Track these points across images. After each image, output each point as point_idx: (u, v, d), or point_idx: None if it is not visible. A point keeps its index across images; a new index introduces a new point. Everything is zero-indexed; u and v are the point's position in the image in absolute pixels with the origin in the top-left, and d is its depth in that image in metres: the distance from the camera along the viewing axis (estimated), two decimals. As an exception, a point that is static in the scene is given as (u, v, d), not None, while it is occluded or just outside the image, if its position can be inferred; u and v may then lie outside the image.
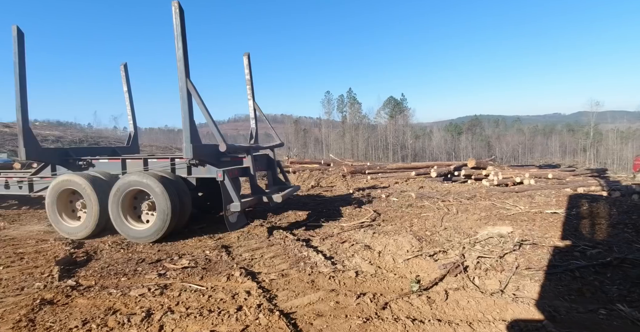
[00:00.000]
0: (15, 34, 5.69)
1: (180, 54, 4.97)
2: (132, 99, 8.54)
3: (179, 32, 4.93)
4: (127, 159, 6.19)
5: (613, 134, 62.46)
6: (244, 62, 7.84)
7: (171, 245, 5.23)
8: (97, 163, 6.36)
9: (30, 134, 5.92)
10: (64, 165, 6.45)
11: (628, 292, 3.48)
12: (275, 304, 3.33)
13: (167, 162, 5.96)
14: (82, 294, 3.63)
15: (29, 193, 6.80)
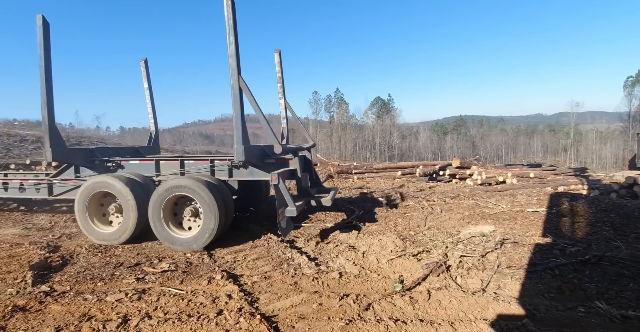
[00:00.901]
0: (40, 23, 5.14)
1: (232, 49, 4.67)
2: (152, 97, 8.09)
3: (230, 26, 4.63)
4: (161, 161, 5.81)
5: (592, 134, 64.26)
6: (275, 59, 7.46)
7: (151, 248, 5.11)
8: (127, 164, 5.92)
9: (56, 133, 5.44)
10: (89, 166, 6.00)
11: (606, 290, 3.55)
12: (257, 307, 3.27)
13: (207, 164, 5.59)
14: (56, 300, 3.49)
15: (48, 197, 6.20)
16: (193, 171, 5.59)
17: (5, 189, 6.59)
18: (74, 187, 5.99)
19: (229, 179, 5.53)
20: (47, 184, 6.21)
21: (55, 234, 5.85)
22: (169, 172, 5.70)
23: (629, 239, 5.03)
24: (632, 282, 3.68)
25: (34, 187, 6.35)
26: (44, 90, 5.24)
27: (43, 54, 5.22)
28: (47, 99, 5.28)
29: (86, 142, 28.25)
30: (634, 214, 6.10)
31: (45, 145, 5.37)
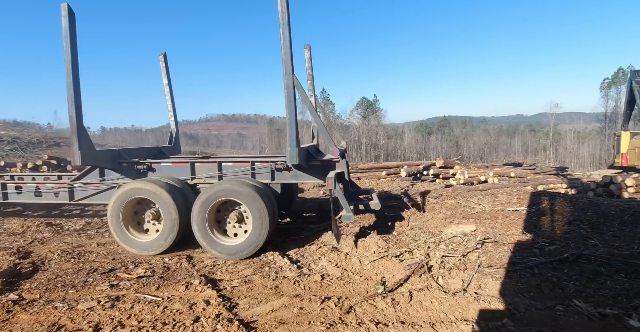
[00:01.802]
0: (65, 13, 4.63)
1: (287, 45, 4.33)
2: (172, 93, 7.68)
3: (285, 21, 4.29)
4: (197, 163, 5.47)
5: (571, 134, 66.17)
6: (305, 55, 7.16)
7: (127, 253, 4.94)
8: (158, 167, 5.53)
9: (85, 134, 4.99)
10: (116, 169, 5.58)
11: (584, 288, 3.59)
12: (236, 313, 3.18)
13: (247, 166, 5.29)
14: (25, 308, 3.34)
15: (69, 201, 5.81)
16: (231, 174, 5.29)
17: (18, 193, 6.14)
18: (98, 192, 5.65)
19: (271, 182, 5.26)
20: (67, 188, 5.79)
21: (26, 239, 5.61)
22: (205, 175, 5.37)
23: (606, 237, 5.14)
24: (609, 280, 3.74)
25: (51, 191, 5.92)
26: (71, 87, 4.74)
27: (69, 48, 4.70)
28: (74, 97, 4.78)
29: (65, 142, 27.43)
30: (610, 212, 6.24)
31: (73, 147, 4.89)
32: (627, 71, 52.27)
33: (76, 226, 6.34)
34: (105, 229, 6.12)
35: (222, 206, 4.92)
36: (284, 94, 4.49)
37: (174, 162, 5.58)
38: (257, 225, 4.64)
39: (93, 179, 5.68)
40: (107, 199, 5.50)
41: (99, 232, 6.00)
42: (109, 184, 5.57)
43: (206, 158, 5.98)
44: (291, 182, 5.30)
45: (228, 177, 5.27)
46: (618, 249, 4.64)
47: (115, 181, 5.54)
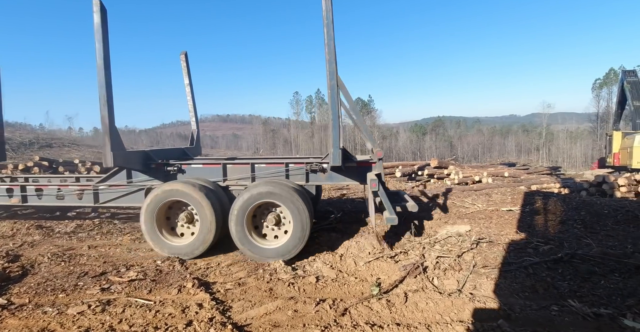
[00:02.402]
0: (97, 9, 4.45)
1: (332, 45, 4.19)
2: (193, 94, 7.52)
3: (330, 20, 4.11)
4: (229, 164, 5.32)
5: (563, 134, 66.88)
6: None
7: (119, 255, 4.86)
8: (189, 168, 5.38)
9: (117, 134, 4.84)
10: (144, 171, 5.41)
11: (578, 288, 3.60)
12: (229, 316, 3.14)
13: (281, 168, 5.18)
14: (14, 313, 3.26)
15: (94, 204, 5.61)
16: (264, 176, 5.16)
17: (39, 197, 5.86)
18: (124, 194, 5.47)
19: (305, 183, 5.15)
20: (92, 190, 5.58)
21: (16, 242, 5.49)
22: (237, 176, 5.24)
23: (599, 237, 5.17)
24: (603, 280, 3.75)
25: (74, 194, 5.68)
26: (104, 86, 4.55)
27: (101, 45, 4.52)
28: (107, 96, 4.59)
29: (57, 143, 27.12)
30: (603, 211, 6.29)
31: (105, 148, 4.73)
32: (618, 72, 52.98)
33: (67, 228, 6.23)
34: (96, 232, 6.03)
35: (258, 209, 4.80)
36: (328, 94, 4.38)
37: (205, 163, 5.45)
38: (297, 227, 4.54)
39: (119, 181, 5.50)
40: (134, 201, 5.40)
41: (90, 234, 5.90)
42: (137, 186, 5.41)
43: (237, 159, 5.84)
44: (326, 184, 5.14)
45: (261, 178, 5.15)
46: (612, 248, 4.67)
47: (143, 183, 5.39)
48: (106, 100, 4.59)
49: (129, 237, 5.71)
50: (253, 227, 4.74)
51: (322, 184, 5.21)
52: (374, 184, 4.55)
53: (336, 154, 4.47)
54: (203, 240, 4.69)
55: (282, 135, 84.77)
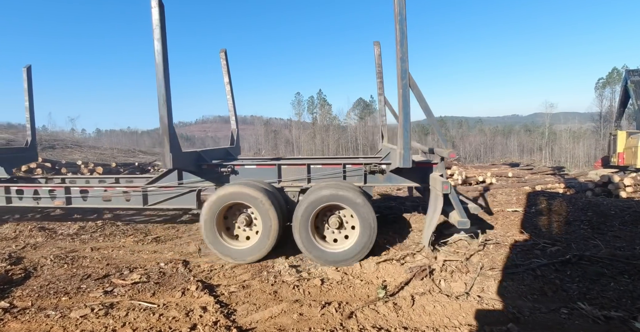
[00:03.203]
0: (155, 4, 4.28)
1: (405, 43, 4.05)
2: (233, 92, 7.47)
3: (403, 16, 4.01)
4: (284, 165, 5.19)
5: (566, 133, 66.54)
6: (374, 51, 6.92)
7: (122, 257, 4.83)
8: (242, 169, 5.24)
9: (175, 135, 4.71)
10: (196, 172, 5.28)
11: (587, 290, 3.54)
12: (234, 320, 3.09)
13: (339, 169, 5.06)
14: (16, 317, 3.23)
15: (142, 206, 5.47)
16: (320, 177, 5.05)
17: (83, 199, 5.74)
18: (175, 196, 5.36)
19: (363, 185, 5.02)
20: (141, 191, 5.44)
21: (19, 245, 5.48)
22: (293, 177, 5.13)
23: (607, 238, 5.11)
24: (613, 282, 3.69)
25: (122, 196, 5.57)
26: (162, 85, 4.40)
27: (160, 43, 4.36)
28: (166, 96, 4.45)
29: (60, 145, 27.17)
30: (610, 212, 6.22)
31: (164, 149, 4.60)
32: (621, 71, 52.72)
33: (70, 230, 6.21)
34: (99, 234, 6.00)
35: (321, 211, 4.66)
36: (398, 94, 4.22)
37: (259, 164, 5.32)
38: (364, 230, 4.42)
39: (169, 182, 5.37)
40: (185, 203, 5.30)
41: (93, 236, 5.87)
42: (188, 188, 5.30)
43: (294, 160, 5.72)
44: (383, 185, 4.98)
45: (316, 180, 5.06)
46: (620, 249, 4.61)
47: (193, 185, 5.29)
48: (165, 99, 4.44)
49: (132, 239, 5.68)
50: (316, 230, 4.63)
51: (379, 186, 4.98)
52: (446, 187, 4.31)
53: (407, 155, 4.26)
54: (265, 243, 4.55)
55: (284, 136, 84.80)
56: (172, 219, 7.14)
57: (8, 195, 6.07)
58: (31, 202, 6.01)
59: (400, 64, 4.13)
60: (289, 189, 5.12)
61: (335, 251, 4.48)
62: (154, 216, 7.49)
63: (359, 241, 4.44)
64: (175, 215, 7.50)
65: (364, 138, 72.11)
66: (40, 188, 5.95)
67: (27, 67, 7.81)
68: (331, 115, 78.55)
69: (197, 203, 5.30)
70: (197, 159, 5.31)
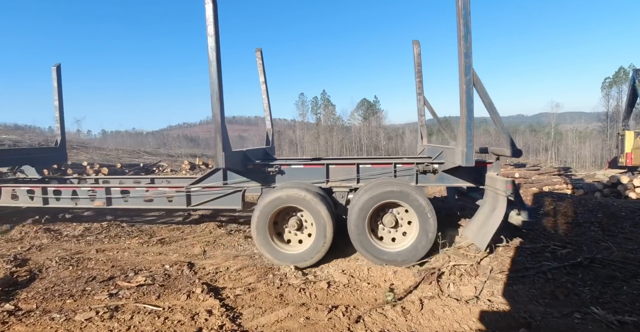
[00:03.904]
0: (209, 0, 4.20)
1: (470, 38, 3.92)
2: (268, 92, 7.35)
3: (467, 11, 3.90)
4: (331, 165, 5.08)
5: (572, 134, 65.97)
6: (414, 51, 6.88)
7: (127, 259, 4.81)
8: (288, 169, 5.11)
9: (226, 134, 4.60)
10: (242, 172, 5.14)
11: (600, 294, 3.46)
12: (240, 323, 3.05)
13: (389, 168, 4.95)
14: (21, 320, 3.22)
15: (186, 207, 5.36)
16: (367, 177, 4.93)
17: (124, 200, 5.62)
18: (219, 196, 5.25)
19: (415, 185, 4.88)
20: (185, 192, 5.32)
21: (24, 246, 5.48)
22: (341, 178, 5.02)
23: (618, 240, 5.01)
24: (626, 285, 3.61)
25: (164, 196, 5.44)
26: (216, 83, 4.32)
27: (214, 39, 4.26)
28: (219, 93, 4.37)
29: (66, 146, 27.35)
30: (621, 213, 6.11)
31: (216, 148, 4.47)
32: (628, 70, 52.12)
33: (75, 231, 6.21)
34: (104, 235, 5.99)
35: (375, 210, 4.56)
36: (460, 90, 4.09)
37: (306, 164, 5.19)
38: (423, 229, 4.34)
39: (213, 182, 5.26)
40: (229, 204, 5.22)
41: (98, 238, 5.87)
42: (233, 188, 5.19)
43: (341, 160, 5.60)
44: (436, 186, 4.91)
45: (365, 180, 4.94)
46: (632, 252, 4.51)
47: (238, 185, 5.19)
48: (218, 96, 4.35)
49: (137, 240, 5.66)
50: (370, 230, 4.53)
51: (431, 186, 4.91)
52: (510, 186, 4.09)
53: (470, 154, 4.10)
54: (320, 247, 4.45)
55: (288, 137, 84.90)
56: (177, 221, 7.12)
57: (45, 196, 5.89)
58: (69, 203, 5.87)
59: (464, 60, 4.01)
60: (338, 190, 5.01)
61: (394, 250, 4.39)
62: (158, 217, 7.47)
63: (418, 240, 4.35)
64: (181, 216, 7.47)
65: (367, 139, 71.99)
66: (80, 189, 5.80)
67: (56, 66, 7.75)
68: (335, 116, 78.49)
69: (242, 204, 5.22)
70: (243, 159, 5.20)
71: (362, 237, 4.41)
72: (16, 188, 6.07)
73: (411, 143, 76.80)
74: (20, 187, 6.05)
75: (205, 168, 18.22)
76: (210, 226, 6.28)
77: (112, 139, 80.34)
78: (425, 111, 7.21)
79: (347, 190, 5.00)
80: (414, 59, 7.03)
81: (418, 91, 7.10)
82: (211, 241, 5.54)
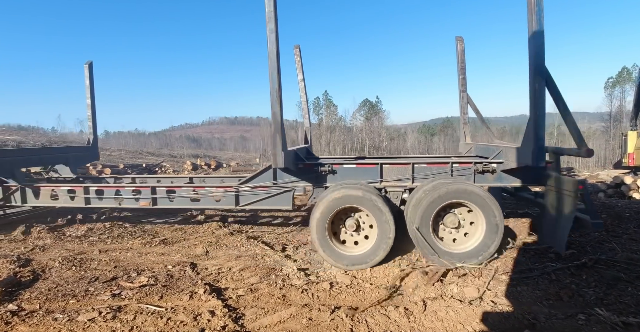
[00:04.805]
0: None
1: (542, 30, 3.83)
2: (306, 90, 7.18)
3: (540, 7, 3.82)
4: (385, 164, 4.96)
5: (575, 133, 65.70)
6: (457, 47, 6.73)
7: (130, 260, 4.81)
8: (340, 169, 5.03)
9: (284, 133, 4.56)
10: (293, 171, 5.05)
11: (604, 295, 3.44)
12: (242, 324, 3.05)
13: (445, 168, 4.87)
14: (24, 320, 3.22)
15: (234, 207, 5.26)
16: (423, 177, 4.84)
17: (170, 200, 5.52)
18: (269, 196, 5.18)
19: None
20: (234, 192, 5.22)
21: (27, 246, 5.50)
22: (395, 177, 4.92)
23: (622, 240, 4.97)
24: (630, 286, 3.58)
25: (211, 196, 5.34)
26: (276, 81, 4.26)
27: (274, 36, 4.22)
28: (278, 91, 4.30)
29: (68, 147, 27.43)
30: (625, 214, 6.07)
31: (276, 148, 4.41)
32: (631, 70, 51.87)
33: (78, 232, 6.23)
34: (107, 235, 6.01)
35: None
36: (531, 88, 4.00)
37: (359, 163, 5.13)
38: (490, 230, 4.23)
39: (263, 182, 5.18)
40: (279, 204, 5.17)
41: (101, 238, 5.88)
42: (284, 188, 5.11)
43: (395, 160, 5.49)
44: (495, 186, 4.84)
45: (421, 179, 4.87)
46: (636, 253, 4.48)
47: (289, 185, 5.11)
48: (278, 95, 4.31)
49: (140, 241, 5.67)
50: (432, 230, 4.42)
51: (492, 186, 4.89)
52: (581, 186, 3.95)
53: (542, 154, 3.98)
54: (382, 248, 4.33)
55: (290, 137, 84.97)
56: (180, 221, 7.13)
57: (87, 196, 5.79)
58: (112, 203, 5.81)
59: (534, 59, 3.95)
60: (392, 190, 4.91)
61: (460, 251, 4.30)
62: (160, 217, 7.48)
63: (484, 240, 4.25)
64: (185, 216, 7.48)
65: (369, 139, 71.99)
66: (124, 188, 5.73)
67: (88, 63, 7.70)
68: (337, 116, 78.50)
69: (292, 204, 5.16)
70: (295, 158, 5.10)
71: (428, 238, 4.28)
72: (56, 188, 5.97)
73: (413, 143, 76.73)
74: (61, 187, 5.95)
75: (207, 168, 18.25)
76: (213, 227, 6.29)
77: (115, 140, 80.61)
78: (468, 109, 7.05)
79: (401, 190, 4.89)
80: (457, 55, 6.86)
81: (461, 88, 6.93)
82: (213, 241, 5.54)
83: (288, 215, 7.52)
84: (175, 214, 7.57)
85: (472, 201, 4.28)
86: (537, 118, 3.95)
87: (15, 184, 6.14)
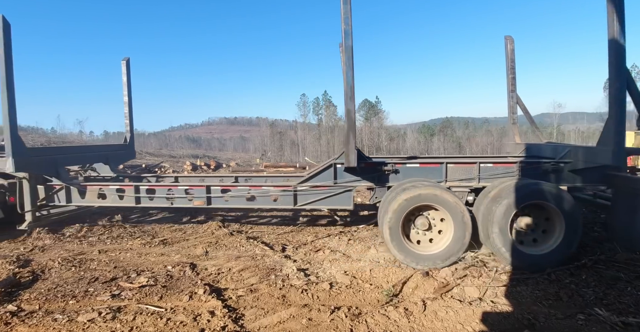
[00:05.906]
0: None
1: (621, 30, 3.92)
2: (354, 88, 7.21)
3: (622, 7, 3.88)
4: (450, 163, 4.88)
5: (574, 134, 65.82)
6: (507, 47, 6.67)
7: (129, 260, 4.81)
8: (403, 168, 4.98)
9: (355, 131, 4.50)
10: (354, 171, 4.92)
11: (604, 295, 3.45)
12: (242, 324, 3.05)
13: (512, 167, 4.78)
14: (24, 321, 3.22)
15: (293, 206, 5.19)
16: (488, 177, 4.77)
17: (225, 200, 5.50)
18: (328, 196, 5.10)
19: None
20: (292, 191, 5.13)
21: (27, 247, 5.49)
22: (460, 177, 4.85)
23: (622, 241, 4.97)
24: (630, 286, 3.59)
25: (267, 195, 5.24)
26: (351, 78, 4.26)
27: (350, 39, 4.25)
28: (352, 91, 4.28)
29: (67, 147, 27.35)
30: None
31: (348, 147, 4.37)
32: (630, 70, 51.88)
33: (77, 232, 6.22)
34: (106, 236, 6.00)
35: None
36: (612, 88, 3.98)
37: (422, 163, 5.09)
38: (570, 231, 4.13)
39: (322, 181, 5.10)
40: (338, 203, 5.11)
41: (101, 238, 5.88)
42: (344, 188, 5.05)
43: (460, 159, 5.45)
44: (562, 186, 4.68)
45: (486, 179, 4.78)
46: (635, 253, 4.48)
47: (349, 184, 5.04)
48: (352, 94, 4.27)
49: (140, 241, 5.67)
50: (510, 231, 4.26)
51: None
52: None
53: (622, 153, 3.91)
54: (458, 247, 4.26)
55: (289, 138, 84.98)
56: (179, 222, 7.13)
57: (137, 195, 5.70)
58: (164, 203, 5.72)
59: (617, 58, 3.98)
60: (457, 190, 4.81)
61: (537, 253, 4.18)
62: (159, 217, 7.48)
63: (563, 242, 4.15)
64: (183, 217, 7.48)
65: (369, 139, 71.99)
66: (176, 187, 5.66)
67: (126, 60, 7.62)
68: (336, 117, 78.50)
69: (352, 204, 5.08)
70: (357, 157, 4.92)
71: (503, 239, 4.13)
72: (104, 187, 5.89)
73: (413, 143, 76.75)
74: (110, 186, 5.88)
75: (207, 169, 18.24)
76: (212, 227, 6.28)
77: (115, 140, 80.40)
78: (517, 109, 6.94)
79: (467, 190, 4.80)
80: (507, 55, 6.80)
81: (511, 88, 6.84)
82: (213, 241, 5.54)
83: (288, 215, 7.52)
84: (174, 215, 7.56)
85: (553, 201, 4.14)
86: (618, 117, 3.89)
87: (60, 183, 5.97)
